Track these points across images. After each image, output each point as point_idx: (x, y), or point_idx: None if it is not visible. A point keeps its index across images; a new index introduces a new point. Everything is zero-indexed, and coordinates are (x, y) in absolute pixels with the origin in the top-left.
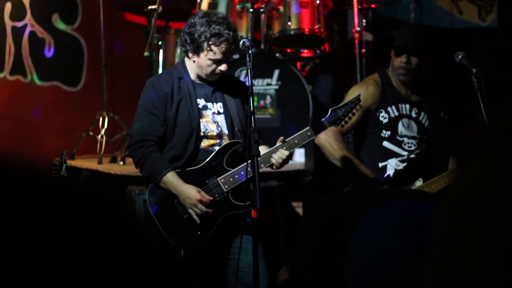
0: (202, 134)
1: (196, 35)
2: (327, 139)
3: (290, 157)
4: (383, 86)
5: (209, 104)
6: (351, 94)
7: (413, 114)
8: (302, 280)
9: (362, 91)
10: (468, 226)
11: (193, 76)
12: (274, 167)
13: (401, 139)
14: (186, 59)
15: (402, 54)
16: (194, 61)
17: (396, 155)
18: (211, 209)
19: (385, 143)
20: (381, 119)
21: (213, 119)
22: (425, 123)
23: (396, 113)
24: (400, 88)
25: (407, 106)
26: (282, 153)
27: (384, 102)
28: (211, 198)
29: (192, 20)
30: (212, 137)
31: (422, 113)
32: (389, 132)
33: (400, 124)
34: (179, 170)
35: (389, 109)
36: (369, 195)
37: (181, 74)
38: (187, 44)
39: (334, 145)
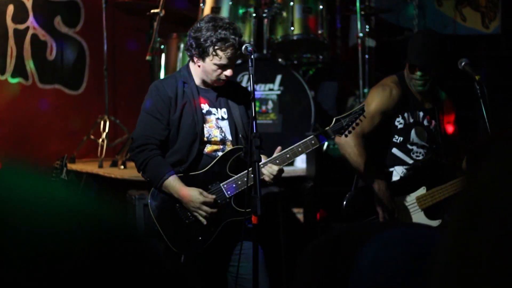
0: (205, 139)
1: (202, 40)
2: (349, 142)
3: (282, 171)
4: (402, 91)
5: (213, 110)
6: (373, 96)
7: (425, 122)
8: None
9: (387, 95)
10: (477, 234)
11: (197, 81)
12: (267, 182)
13: (411, 147)
14: (191, 64)
15: (417, 70)
16: (199, 66)
17: (403, 163)
18: (215, 209)
19: (394, 150)
20: (396, 124)
21: (216, 125)
22: (435, 132)
23: (411, 120)
24: (416, 94)
25: (421, 113)
26: (273, 168)
27: (402, 107)
28: (214, 196)
29: (198, 25)
30: (215, 143)
31: (433, 122)
32: (401, 138)
33: (413, 132)
34: (181, 174)
35: (405, 115)
36: (369, 224)
37: (185, 78)
38: (192, 48)
39: (355, 150)
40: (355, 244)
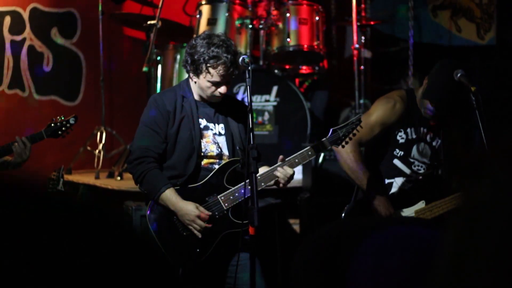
0: (202, 154)
1: (195, 57)
2: (346, 148)
3: (294, 174)
4: (407, 106)
5: (211, 125)
6: (376, 107)
7: (428, 139)
8: None
9: (389, 107)
10: (474, 251)
11: (196, 96)
12: (280, 185)
13: (412, 160)
14: (189, 79)
15: (434, 105)
16: (195, 82)
17: (404, 174)
18: (210, 224)
19: (396, 161)
20: (398, 138)
21: (213, 140)
22: (438, 149)
23: (414, 136)
24: (422, 110)
25: (425, 130)
26: (287, 170)
27: (405, 122)
28: (209, 213)
29: (194, 41)
30: (211, 157)
31: (437, 138)
32: (402, 153)
33: (414, 148)
34: (178, 187)
35: (408, 130)
36: (368, 220)
37: (184, 92)
38: (188, 64)
39: (351, 156)
40: (355, 240)
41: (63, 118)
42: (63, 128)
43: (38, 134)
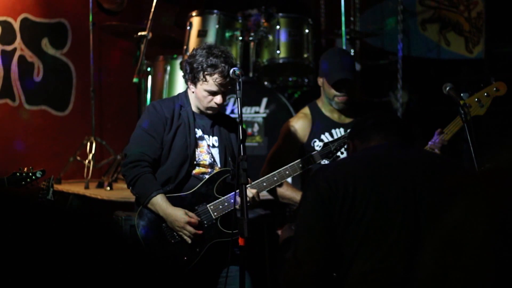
0: (195, 162)
1: (194, 65)
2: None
3: (259, 197)
4: (313, 117)
5: (206, 136)
6: (280, 137)
7: None
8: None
9: (292, 130)
10: (451, 266)
11: (193, 107)
12: (237, 206)
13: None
14: (188, 90)
15: (341, 86)
16: (193, 92)
17: None
18: (200, 231)
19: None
20: (316, 148)
21: (207, 150)
22: None
23: (330, 139)
24: (332, 114)
25: (341, 129)
26: (251, 192)
27: (315, 131)
28: (199, 218)
29: (194, 51)
30: (204, 166)
31: None
32: (325, 160)
33: None
34: (169, 194)
35: (322, 136)
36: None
37: (183, 103)
38: (187, 73)
39: (284, 188)
40: None
41: (31, 169)
42: (28, 179)
43: (0, 181)
